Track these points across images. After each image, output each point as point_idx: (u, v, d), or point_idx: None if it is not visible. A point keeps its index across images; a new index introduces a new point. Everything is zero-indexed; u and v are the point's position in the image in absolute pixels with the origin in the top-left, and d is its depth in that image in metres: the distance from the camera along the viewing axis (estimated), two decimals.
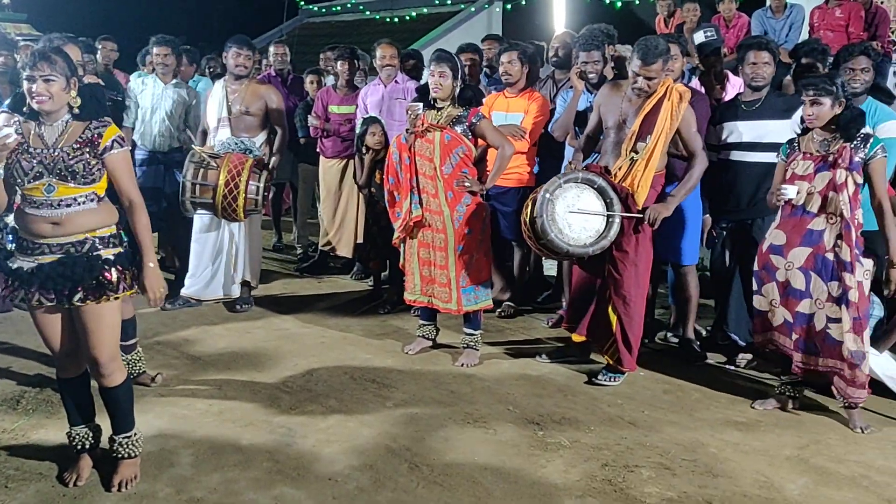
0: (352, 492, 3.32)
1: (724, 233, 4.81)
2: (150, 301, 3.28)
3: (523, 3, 13.04)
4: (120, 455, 3.35)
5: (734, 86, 5.42)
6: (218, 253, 5.76)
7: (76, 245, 3.14)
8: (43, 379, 4.46)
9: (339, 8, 16.21)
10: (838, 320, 3.84)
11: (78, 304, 3.13)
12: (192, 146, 5.42)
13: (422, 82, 5.85)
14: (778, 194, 3.96)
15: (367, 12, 15.45)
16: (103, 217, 3.21)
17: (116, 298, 3.19)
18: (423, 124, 4.58)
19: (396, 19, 14.56)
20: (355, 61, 6.51)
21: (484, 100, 5.67)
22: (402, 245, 4.85)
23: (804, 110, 3.92)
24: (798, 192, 3.91)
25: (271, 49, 7.67)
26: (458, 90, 4.58)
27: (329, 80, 7.33)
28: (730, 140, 4.60)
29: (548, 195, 4.16)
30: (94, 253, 3.15)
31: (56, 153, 3.08)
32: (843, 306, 3.82)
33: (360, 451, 3.66)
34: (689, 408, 4.19)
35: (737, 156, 4.59)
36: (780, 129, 4.41)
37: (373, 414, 4.06)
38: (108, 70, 7.09)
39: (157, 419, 3.97)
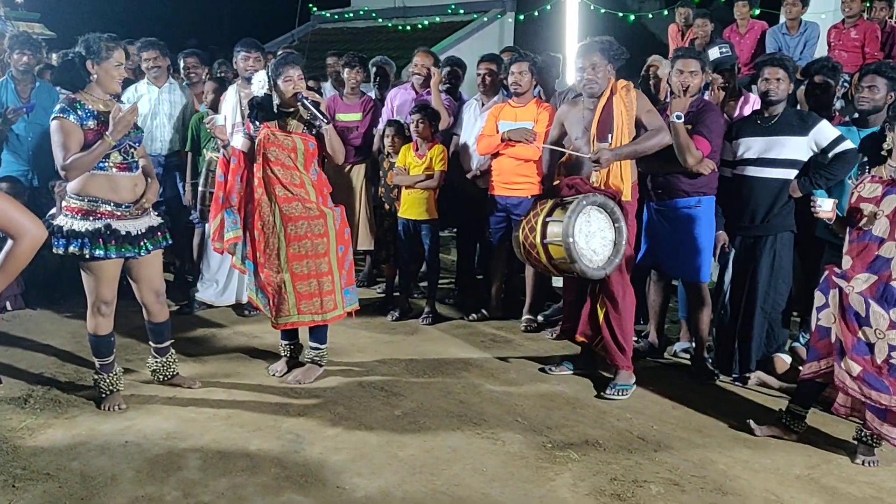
0: (359, 500, 3.31)
1: (735, 249, 4.77)
2: None
3: (535, 14, 13.04)
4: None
5: (751, 103, 5.41)
6: None
7: None
8: (50, 378, 4.46)
9: (351, 15, 16.22)
10: None
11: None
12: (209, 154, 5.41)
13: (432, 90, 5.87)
14: (813, 205, 3.90)
15: (380, 20, 15.45)
16: None
17: None
18: (272, 134, 4.37)
19: (409, 27, 14.56)
20: (362, 69, 6.43)
21: (485, 108, 5.74)
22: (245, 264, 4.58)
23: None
24: (833, 209, 3.87)
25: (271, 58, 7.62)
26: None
27: (327, 86, 7.29)
28: (746, 156, 4.58)
29: (571, 239, 4.19)
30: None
31: None
32: None
33: (368, 459, 3.65)
34: (698, 424, 4.16)
35: (752, 171, 4.57)
36: (796, 145, 4.44)
37: (381, 422, 4.05)
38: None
39: (165, 421, 3.96)
